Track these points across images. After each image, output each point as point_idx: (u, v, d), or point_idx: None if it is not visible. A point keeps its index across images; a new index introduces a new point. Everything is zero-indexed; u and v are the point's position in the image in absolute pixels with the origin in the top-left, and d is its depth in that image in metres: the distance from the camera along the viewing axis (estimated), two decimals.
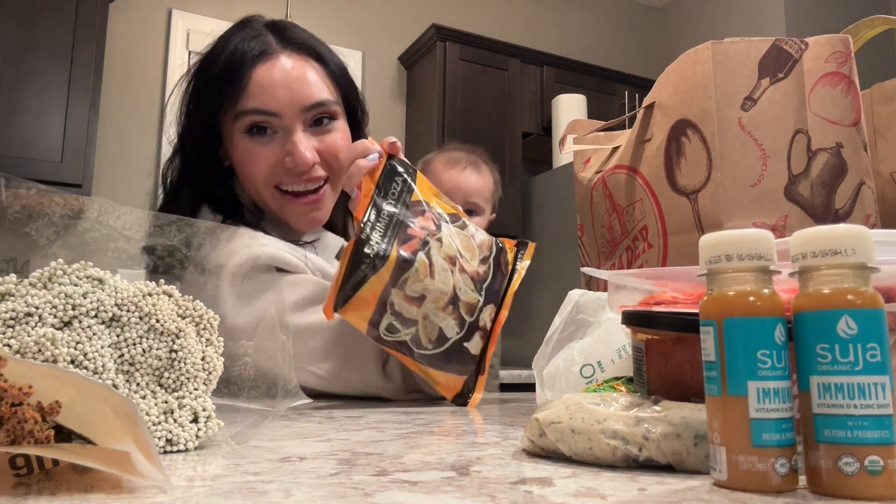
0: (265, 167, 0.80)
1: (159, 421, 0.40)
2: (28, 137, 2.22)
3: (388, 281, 0.68)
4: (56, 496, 0.28)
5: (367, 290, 0.67)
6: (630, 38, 3.83)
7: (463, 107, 2.94)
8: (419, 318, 0.70)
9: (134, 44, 2.72)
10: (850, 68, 0.63)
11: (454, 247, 0.73)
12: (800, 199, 0.61)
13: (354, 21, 3.16)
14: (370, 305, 0.68)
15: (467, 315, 0.72)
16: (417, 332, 0.70)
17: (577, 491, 0.30)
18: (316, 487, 0.31)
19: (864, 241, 0.31)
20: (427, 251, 0.70)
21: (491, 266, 0.76)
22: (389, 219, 0.70)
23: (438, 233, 0.73)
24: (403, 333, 0.69)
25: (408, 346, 0.70)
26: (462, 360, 0.72)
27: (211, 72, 0.81)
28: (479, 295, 0.73)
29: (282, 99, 0.79)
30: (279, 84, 0.79)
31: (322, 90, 0.83)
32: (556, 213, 2.86)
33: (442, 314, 0.70)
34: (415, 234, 0.71)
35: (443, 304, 0.70)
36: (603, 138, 0.82)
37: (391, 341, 0.70)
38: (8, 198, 0.44)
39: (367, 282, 0.67)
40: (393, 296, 0.68)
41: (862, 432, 0.29)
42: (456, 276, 0.72)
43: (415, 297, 0.69)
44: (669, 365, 0.43)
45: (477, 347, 0.74)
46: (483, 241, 0.77)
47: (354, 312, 0.68)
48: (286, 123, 0.80)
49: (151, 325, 0.41)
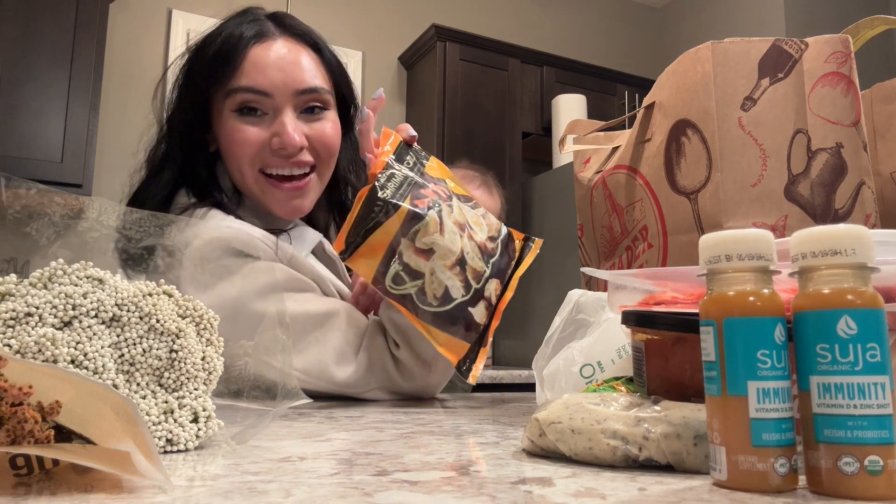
0: (252, 147, 0.79)
1: (159, 421, 0.40)
2: (28, 137, 2.21)
3: (399, 230, 0.68)
4: (56, 496, 0.28)
5: (378, 237, 0.68)
6: (630, 38, 3.83)
7: (463, 107, 2.94)
8: (426, 272, 0.69)
9: (134, 44, 2.72)
10: (850, 68, 0.63)
11: (463, 217, 0.74)
12: (800, 199, 0.61)
13: (354, 21, 3.16)
14: (378, 253, 0.68)
15: (474, 281, 0.72)
16: (423, 285, 0.69)
17: (577, 491, 0.30)
18: (316, 487, 0.31)
19: (864, 241, 0.31)
20: (438, 211, 0.71)
21: (499, 245, 0.77)
22: (404, 178, 0.72)
23: (450, 201, 0.74)
24: (409, 285, 0.69)
25: (412, 301, 0.69)
26: (467, 324, 0.72)
27: (207, 51, 0.82)
28: (486, 266, 0.74)
29: (275, 80, 0.79)
30: (273, 65, 0.79)
31: (316, 77, 0.83)
32: (556, 213, 2.86)
33: (449, 273, 0.70)
34: (427, 194, 0.72)
35: (451, 262, 0.70)
36: (603, 138, 0.82)
37: (396, 294, 0.69)
38: (8, 198, 0.44)
39: (378, 228, 0.68)
40: (403, 246, 0.68)
41: (862, 432, 0.29)
42: (465, 240, 0.72)
43: (424, 249, 0.69)
44: (669, 365, 0.43)
45: (482, 317, 0.73)
46: (493, 223, 0.79)
47: (363, 259, 0.69)
48: (277, 104, 0.80)
49: (151, 325, 0.41)
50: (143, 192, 0.83)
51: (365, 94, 3.13)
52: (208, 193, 0.83)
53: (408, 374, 0.79)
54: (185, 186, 0.83)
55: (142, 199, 0.82)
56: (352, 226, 0.68)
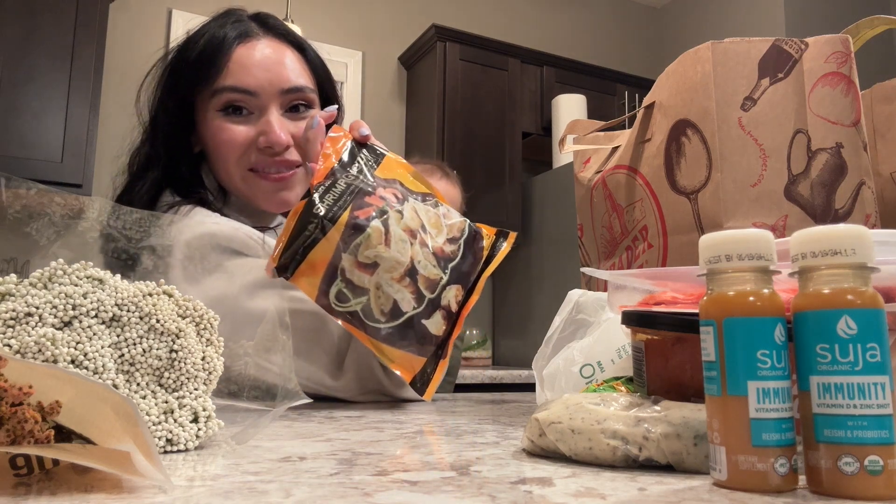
0: (239, 146, 0.79)
1: (159, 421, 0.40)
2: (28, 137, 2.22)
3: (338, 244, 0.64)
4: (56, 496, 0.28)
5: (317, 255, 0.64)
6: (630, 38, 3.83)
7: (463, 107, 2.94)
8: (371, 287, 0.65)
9: (134, 44, 2.72)
10: (850, 68, 0.63)
11: (417, 220, 0.69)
12: (800, 199, 0.61)
13: (354, 21, 3.16)
14: (319, 271, 0.64)
15: (427, 291, 0.68)
16: (369, 301, 0.65)
17: (577, 491, 0.30)
18: (316, 487, 0.31)
19: (863, 241, 0.31)
20: (384, 220, 0.67)
21: (461, 247, 0.72)
22: (346, 187, 0.67)
23: (400, 206, 0.69)
24: (354, 303, 0.65)
25: (359, 318, 0.65)
26: (421, 339, 0.67)
27: (191, 52, 0.82)
28: (443, 272, 0.69)
29: (260, 79, 0.79)
30: (258, 64, 0.80)
31: (300, 76, 0.83)
32: (556, 213, 2.86)
33: (397, 286, 0.66)
34: (372, 202, 0.67)
35: (398, 274, 0.66)
36: (603, 138, 0.82)
37: (342, 311, 0.65)
38: (8, 198, 0.44)
39: (315, 245, 0.64)
40: (344, 261, 0.65)
41: (862, 432, 0.29)
42: (415, 248, 0.67)
43: (367, 263, 0.65)
44: (669, 365, 0.43)
45: (438, 328, 0.68)
46: (455, 223, 0.74)
47: (304, 278, 0.65)
48: (262, 104, 0.80)
49: (151, 325, 0.41)
50: (128, 194, 0.82)
51: (365, 94, 3.13)
52: (194, 193, 0.82)
53: (397, 379, 0.76)
54: (169, 187, 0.82)
55: (126, 201, 0.81)
56: (286, 244, 0.65)
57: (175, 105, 0.82)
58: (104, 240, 0.47)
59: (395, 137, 3.18)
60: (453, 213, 0.75)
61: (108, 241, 0.48)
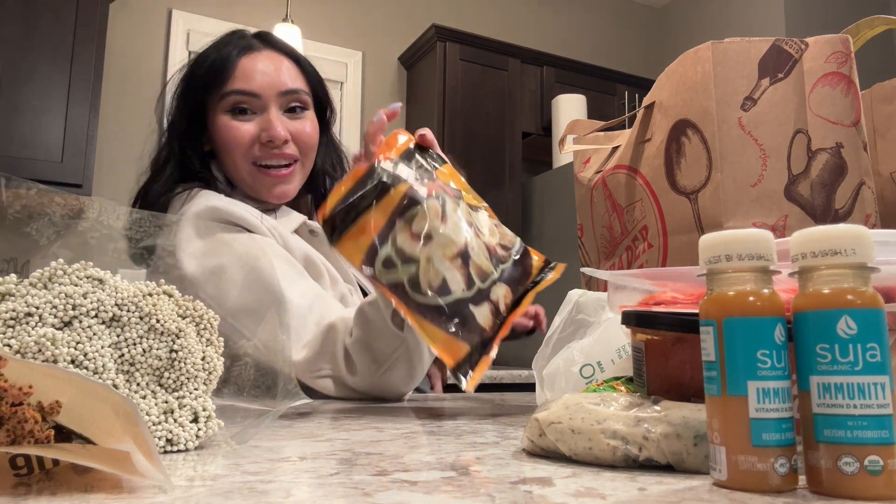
0: (245, 142, 0.92)
1: (159, 421, 0.40)
2: (28, 137, 2.21)
3: (394, 211, 0.62)
4: (56, 496, 0.28)
5: (370, 218, 0.62)
6: (630, 38, 3.83)
7: (463, 107, 2.94)
8: (422, 258, 0.62)
9: (134, 44, 2.72)
10: (850, 68, 0.63)
11: (472, 217, 0.68)
12: (800, 199, 0.61)
13: (354, 21, 3.16)
14: (370, 234, 0.62)
15: (478, 279, 0.64)
16: (418, 272, 0.62)
17: (577, 491, 0.30)
18: (316, 487, 0.31)
19: (863, 241, 0.31)
20: (441, 202, 0.65)
21: (512, 255, 0.69)
22: (407, 168, 0.67)
23: (457, 201, 0.68)
24: (401, 270, 0.62)
25: (403, 289, 0.62)
26: (466, 324, 0.62)
27: (203, 65, 0.95)
28: (494, 268, 0.66)
29: (262, 83, 0.93)
30: (260, 71, 0.93)
31: (295, 81, 0.96)
32: (556, 213, 2.86)
33: (448, 263, 0.63)
34: (431, 187, 0.66)
35: (451, 253, 0.63)
36: (603, 138, 0.82)
37: (386, 281, 0.62)
38: (8, 198, 0.44)
39: (370, 208, 0.62)
40: (397, 227, 0.62)
41: (862, 432, 0.29)
42: (470, 235, 0.65)
43: (420, 233, 0.62)
44: (669, 365, 0.43)
45: (486, 321, 0.64)
46: (507, 233, 0.72)
47: (351, 241, 0.63)
48: (264, 104, 0.93)
49: (151, 325, 0.41)
50: (148, 189, 0.94)
51: (365, 94, 3.13)
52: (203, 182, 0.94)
53: (354, 368, 0.76)
54: (183, 182, 0.94)
55: (145, 194, 0.94)
56: (341, 198, 0.62)
57: (189, 110, 0.95)
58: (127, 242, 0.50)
59: None
60: (505, 228, 0.73)
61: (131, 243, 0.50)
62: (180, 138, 0.95)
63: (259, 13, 2.94)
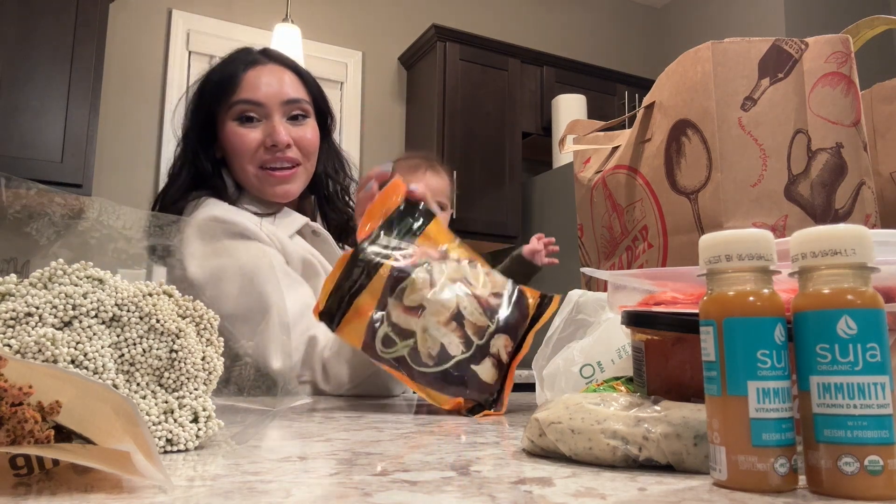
0: (251, 147, 1.00)
1: (159, 421, 0.40)
2: (28, 137, 2.21)
3: (384, 289, 0.66)
4: (56, 496, 0.28)
5: (363, 301, 0.65)
6: (630, 38, 3.83)
7: (463, 107, 2.94)
8: (418, 330, 0.65)
9: (134, 44, 2.72)
10: (850, 68, 0.63)
11: (460, 273, 0.70)
12: (800, 199, 0.61)
13: (354, 21, 3.16)
14: (364, 316, 0.65)
15: (475, 336, 0.67)
16: (416, 344, 0.65)
17: (577, 491, 0.30)
18: (316, 487, 0.31)
19: (864, 241, 0.31)
20: (428, 269, 0.68)
21: (505, 300, 0.71)
22: (392, 241, 0.70)
23: (442, 262, 0.70)
24: (401, 346, 0.65)
25: (406, 363, 0.65)
26: (470, 385, 0.65)
27: (212, 79, 1.04)
28: (489, 321, 0.68)
29: (266, 93, 1.01)
30: (264, 83, 1.02)
31: (297, 91, 1.04)
32: (556, 213, 2.86)
33: (444, 329, 0.65)
34: (416, 254, 0.69)
35: (444, 318, 0.66)
36: (603, 138, 0.82)
37: (389, 358, 0.65)
38: (8, 198, 0.44)
39: (362, 291, 0.65)
40: (390, 306, 0.65)
41: (862, 432, 0.29)
42: (460, 295, 0.68)
43: (413, 307, 0.66)
44: (669, 365, 0.43)
45: (489, 375, 0.66)
46: (498, 280, 0.74)
47: (349, 326, 0.65)
48: (268, 112, 1.01)
49: (151, 325, 0.41)
50: (165, 194, 1.04)
51: (365, 94, 3.13)
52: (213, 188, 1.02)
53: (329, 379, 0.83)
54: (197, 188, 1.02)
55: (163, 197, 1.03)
56: (332, 290, 0.66)
57: (201, 120, 1.04)
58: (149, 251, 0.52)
59: (395, 137, 3.18)
60: (496, 274, 0.75)
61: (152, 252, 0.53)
62: (194, 147, 1.04)
63: (259, 13, 2.94)
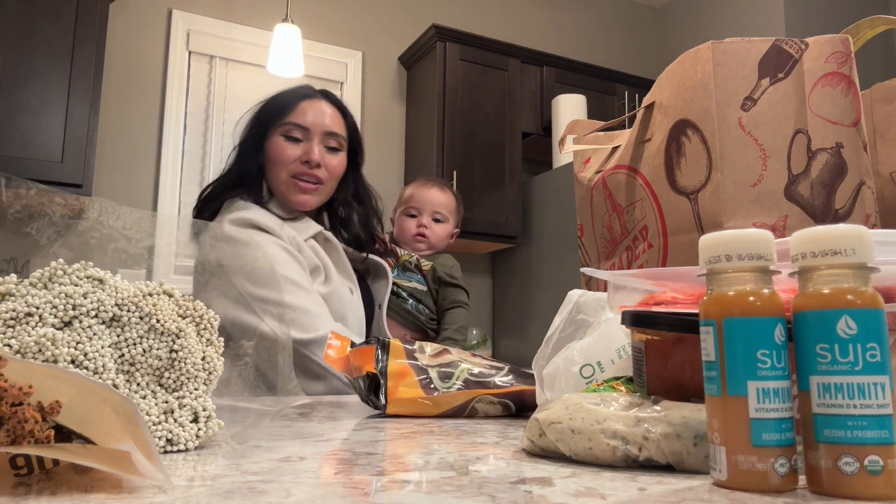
0: (289, 159, 1.20)
1: (159, 421, 0.40)
2: (28, 137, 2.21)
3: (405, 354, 0.69)
4: (56, 496, 0.28)
5: (394, 367, 0.67)
6: (630, 38, 3.83)
7: (463, 107, 2.94)
8: (457, 360, 0.69)
9: (134, 44, 2.72)
10: (850, 68, 0.63)
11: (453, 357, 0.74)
12: (800, 199, 0.61)
13: (354, 21, 3.16)
14: (407, 373, 0.67)
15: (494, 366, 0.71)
16: (467, 368, 0.68)
17: (577, 491, 0.30)
18: (316, 487, 0.31)
19: (864, 241, 0.31)
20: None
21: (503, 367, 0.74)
22: None
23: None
24: (458, 372, 0.68)
25: (473, 382, 0.67)
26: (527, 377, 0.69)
27: (273, 102, 1.27)
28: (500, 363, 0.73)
29: (313, 121, 1.23)
30: (312, 112, 1.24)
31: (337, 126, 1.25)
32: (556, 213, 2.86)
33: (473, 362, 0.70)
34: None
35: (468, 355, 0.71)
36: (603, 138, 0.82)
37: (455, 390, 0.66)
38: (8, 198, 0.44)
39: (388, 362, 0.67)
40: (419, 359, 0.69)
41: (862, 432, 0.29)
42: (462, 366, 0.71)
43: (436, 353, 0.70)
44: (669, 365, 0.43)
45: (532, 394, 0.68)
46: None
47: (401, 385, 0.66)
48: (310, 136, 1.22)
49: (152, 325, 0.41)
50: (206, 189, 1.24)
51: (365, 95, 3.13)
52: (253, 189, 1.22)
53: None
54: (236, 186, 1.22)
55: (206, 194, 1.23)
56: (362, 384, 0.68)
57: (255, 134, 1.24)
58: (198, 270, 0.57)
59: (396, 138, 3.18)
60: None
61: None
62: (245, 151, 1.24)
63: (259, 13, 2.94)
